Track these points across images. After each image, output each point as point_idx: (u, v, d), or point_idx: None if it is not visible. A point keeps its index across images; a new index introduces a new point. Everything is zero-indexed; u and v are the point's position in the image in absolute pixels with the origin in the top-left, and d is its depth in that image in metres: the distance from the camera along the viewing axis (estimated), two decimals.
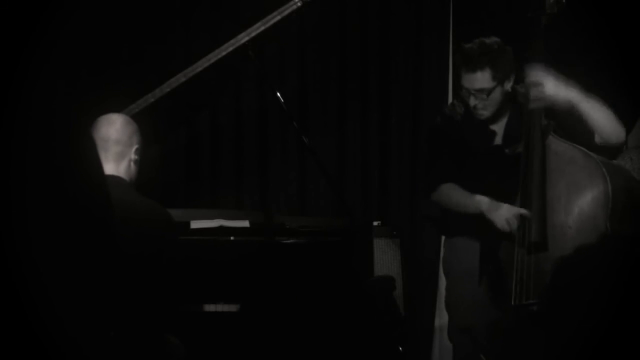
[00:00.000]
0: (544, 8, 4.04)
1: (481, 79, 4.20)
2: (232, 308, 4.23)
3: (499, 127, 4.36)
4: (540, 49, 4.02)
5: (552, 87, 3.97)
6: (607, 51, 5.21)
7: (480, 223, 4.18)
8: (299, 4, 4.41)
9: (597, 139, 4.08)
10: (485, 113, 4.28)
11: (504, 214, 4.01)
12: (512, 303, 3.88)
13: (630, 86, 5.11)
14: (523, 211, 3.94)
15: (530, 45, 4.04)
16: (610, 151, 4.14)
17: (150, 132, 4.25)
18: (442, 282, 5.35)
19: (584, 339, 1.89)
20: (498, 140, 4.35)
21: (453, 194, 4.31)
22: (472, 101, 4.24)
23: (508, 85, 4.26)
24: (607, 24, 5.17)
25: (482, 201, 4.15)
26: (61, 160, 2.15)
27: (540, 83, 3.95)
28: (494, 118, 4.32)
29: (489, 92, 4.22)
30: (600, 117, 4.01)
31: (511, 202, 4.05)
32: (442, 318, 5.57)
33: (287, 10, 4.43)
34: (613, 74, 5.14)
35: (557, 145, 3.98)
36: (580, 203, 3.88)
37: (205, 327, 4.22)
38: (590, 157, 3.90)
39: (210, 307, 4.25)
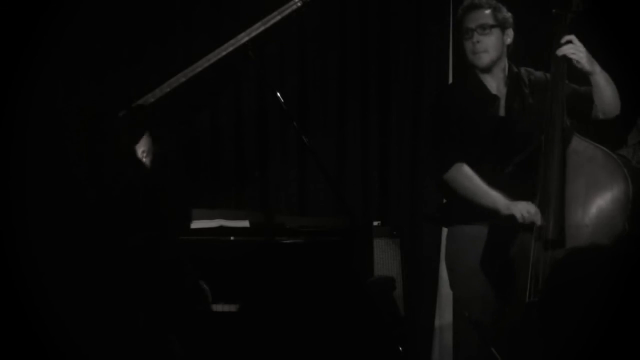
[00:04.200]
0: (570, 5, 4.06)
1: (482, 15, 4.30)
2: (232, 308, 4.23)
3: (500, 93, 4.35)
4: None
5: (585, 53, 4.06)
6: (624, 50, 5.21)
7: (484, 214, 4.18)
8: (299, 4, 4.41)
9: (595, 113, 4.12)
10: (485, 56, 4.31)
11: (524, 207, 4.02)
12: (527, 300, 3.89)
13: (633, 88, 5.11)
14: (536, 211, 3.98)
15: (553, 44, 4.06)
16: (603, 125, 4.17)
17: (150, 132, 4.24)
18: (442, 282, 5.36)
19: (580, 338, 1.89)
20: (502, 110, 4.33)
21: (469, 181, 4.27)
22: (475, 37, 4.29)
23: (508, 38, 4.33)
24: (626, 23, 5.17)
25: (499, 199, 4.13)
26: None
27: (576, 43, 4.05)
28: (493, 66, 4.33)
29: (490, 27, 4.29)
30: (610, 92, 4.09)
31: (520, 182, 4.06)
32: (442, 318, 5.57)
33: (287, 10, 4.43)
34: (632, 74, 5.14)
35: (578, 144, 3.98)
36: (599, 202, 3.89)
37: (205, 327, 4.22)
38: (610, 156, 3.91)
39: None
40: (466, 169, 4.29)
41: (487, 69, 4.34)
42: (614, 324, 1.91)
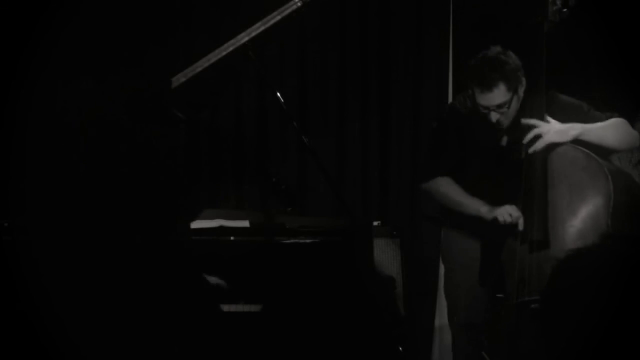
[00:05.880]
0: (546, 15, 4.04)
1: (498, 95, 4.16)
2: (232, 308, 4.23)
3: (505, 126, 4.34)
4: (542, 57, 4.04)
5: (554, 132, 4.00)
6: (609, 57, 5.22)
7: (478, 220, 4.19)
8: (299, 4, 4.40)
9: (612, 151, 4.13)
10: (505, 122, 4.25)
11: (506, 209, 4.03)
12: (514, 301, 3.90)
13: (631, 90, 5.11)
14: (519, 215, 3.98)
15: (532, 53, 4.05)
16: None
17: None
18: (443, 281, 5.36)
19: (583, 339, 1.90)
20: (504, 140, 4.34)
21: (450, 190, 4.30)
22: (494, 117, 4.19)
23: (521, 91, 4.23)
24: (610, 28, 5.18)
25: (482, 205, 4.16)
26: None
27: (539, 132, 3.99)
28: (511, 124, 4.29)
29: (509, 104, 4.18)
30: (610, 140, 4.06)
31: (516, 202, 4.06)
32: (442, 318, 5.57)
33: (287, 10, 4.42)
34: (614, 79, 5.14)
35: (559, 147, 4.00)
36: (582, 202, 3.91)
37: (204, 327, 4.22)
38: (592, 157, 3.93)
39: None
40: (447, 179, 4.30)
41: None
42: (614, 323, 1.91)
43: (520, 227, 3.98)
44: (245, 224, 4.47)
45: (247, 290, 4.26)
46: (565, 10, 4.03)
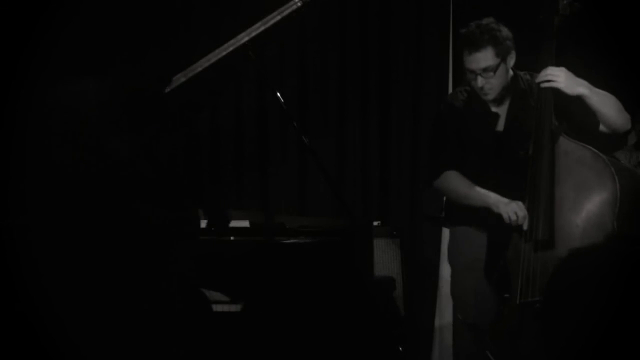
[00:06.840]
0: (557, 9, 4.04)
1: (485, 57, 4.19)
2: (232, 308, 4.23)
3: (501, 111, 4.35)
4: (551, 52, 4.04)
5: (564, 80, 4.00)
6: (609, 56, 5.22)
7: (483, 215, 4.19)
8: (299, 4, 4.40)
9: (602, 128, 4.12)
10: (491, 93, 4.26)
11: (513, 208, 4.02)
12: (518, 301, 3.90)
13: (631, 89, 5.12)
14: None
15: (541, 47, 4.05)
16: (612, 138, 4.17)
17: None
18: (442, 282, 5.36)
19: (586, 338, 1.90)
20: (500, 125, 4.34)
21: (459, 184, 4.30)
22: (480, 82, 4.22)
23: (511, 62, 4.26)
24: (611, 27, 5.18)
25: (490, 195, 4.15)
26: None
27: (551, 73, 4.00)
28: (499, 98, 4.31)
29: (495, 69, 4.21)
30: (609, 110, 4.06)
31: (516, 193, 4.06)
32: (442, 318, 5.58)
33: (287, 10, 4.42)
34: (614, 78, 5.15)
35: (567, 145, 3.99)
36: (588, 202, 3.90)
37: (204, 327, 4.22)
38: (599, 156, 3.92)
39: None
40: (454, 173, 4.30)
41: (494, 100, 4.33)
42: (615, 323, 1.91)
43: (525, 226, 3.98)
44: (245, 224, 4.47)
45: (246, 291, 4.26)
46: (577, 2, 4.03)
